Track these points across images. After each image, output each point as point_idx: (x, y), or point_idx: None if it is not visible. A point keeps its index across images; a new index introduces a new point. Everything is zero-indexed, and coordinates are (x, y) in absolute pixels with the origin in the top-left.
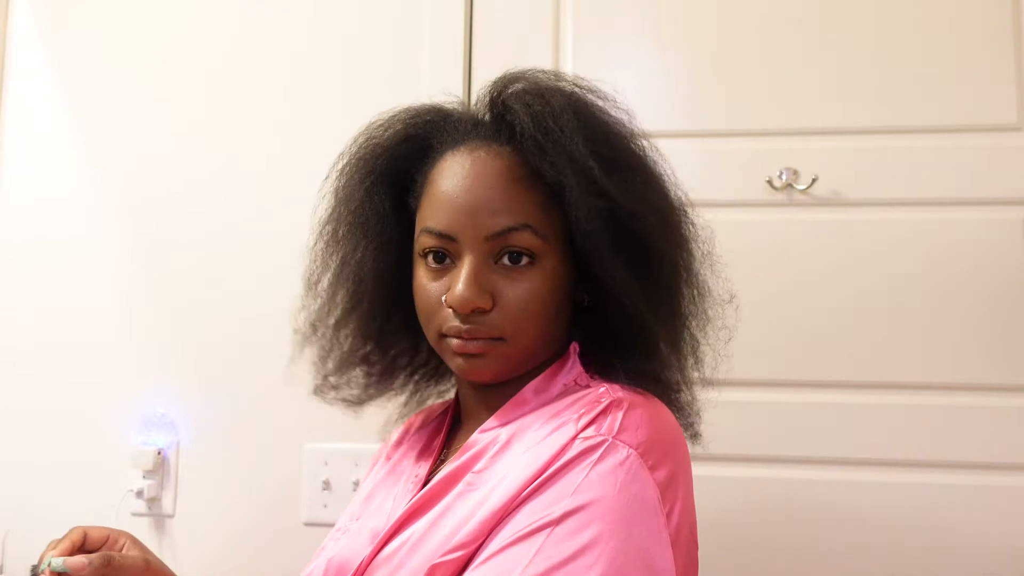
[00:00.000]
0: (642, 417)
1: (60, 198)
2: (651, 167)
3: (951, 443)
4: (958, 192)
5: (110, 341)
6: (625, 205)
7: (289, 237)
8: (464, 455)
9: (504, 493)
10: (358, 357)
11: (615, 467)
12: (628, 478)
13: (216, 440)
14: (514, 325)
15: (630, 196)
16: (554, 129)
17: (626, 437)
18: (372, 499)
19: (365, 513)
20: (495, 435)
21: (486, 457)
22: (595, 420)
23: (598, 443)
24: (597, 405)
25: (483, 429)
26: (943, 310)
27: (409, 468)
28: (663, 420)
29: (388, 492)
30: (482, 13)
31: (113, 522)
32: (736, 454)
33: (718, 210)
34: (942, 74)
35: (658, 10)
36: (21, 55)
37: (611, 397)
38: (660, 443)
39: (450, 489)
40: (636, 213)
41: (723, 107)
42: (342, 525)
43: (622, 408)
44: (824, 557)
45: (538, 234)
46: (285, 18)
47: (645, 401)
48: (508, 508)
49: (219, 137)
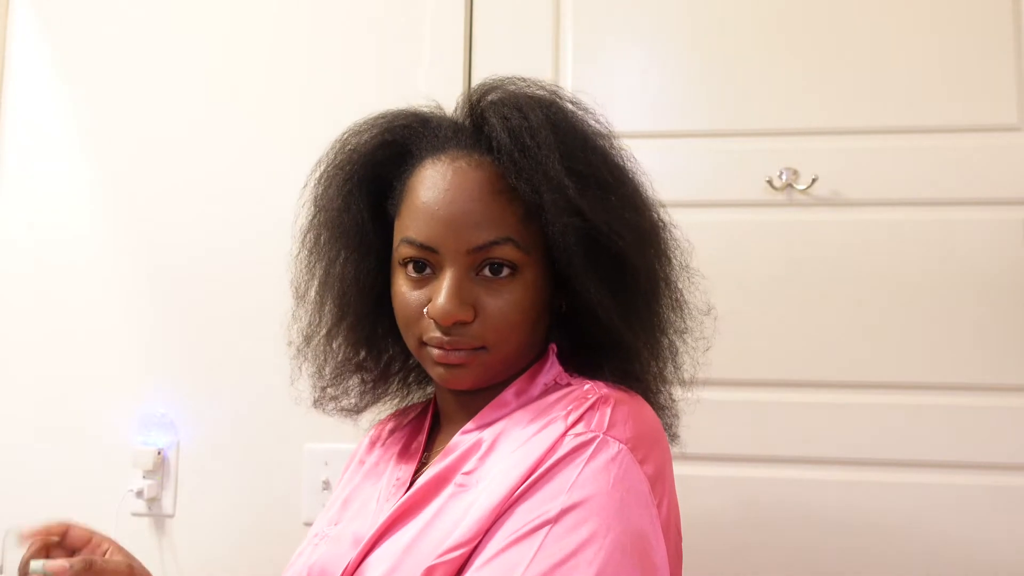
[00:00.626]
0: (628, 412)
1: (60, 198)
2: (628, 181)
3: (951, 443)
4: (958, 192)
5: (110, 341)
6: (600, 224)
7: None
8: (448, 457)
9: (498, 491)
10: (353, 365)
11: (608, 462)
12: (621, 472)
13: (216, 440)
14: (496, 335)
15: (606, 214)
16: (531, 146)
17: (616, 432)
18: (351, 503)
19: (344, 518)
20: (478, 437)
21: (474, 458)
22: (584, 416)
23: (589, 439)
24: (584, 401)
25: (465, 431)
26: (943, 310)
27: (390, 471)
28: (647, 416)
29: (369, 495)
30: (482, 12)
31: (113, 522)
32: (737, 454)
33: (718, 210)
34: (942, 74)
35: (658, 9)
36: (21, 54)
37: (597, 393)
38: (647, 437)
39: (439, 491)
40: (611, 231)
41: (723, 107)
42: (319, 531)
43: (609, 404)
44: (824, 557)
45: (519, 247)
46: (285, 18)
47: (629, 397)
48: (503, 506)
49: (219, 137)
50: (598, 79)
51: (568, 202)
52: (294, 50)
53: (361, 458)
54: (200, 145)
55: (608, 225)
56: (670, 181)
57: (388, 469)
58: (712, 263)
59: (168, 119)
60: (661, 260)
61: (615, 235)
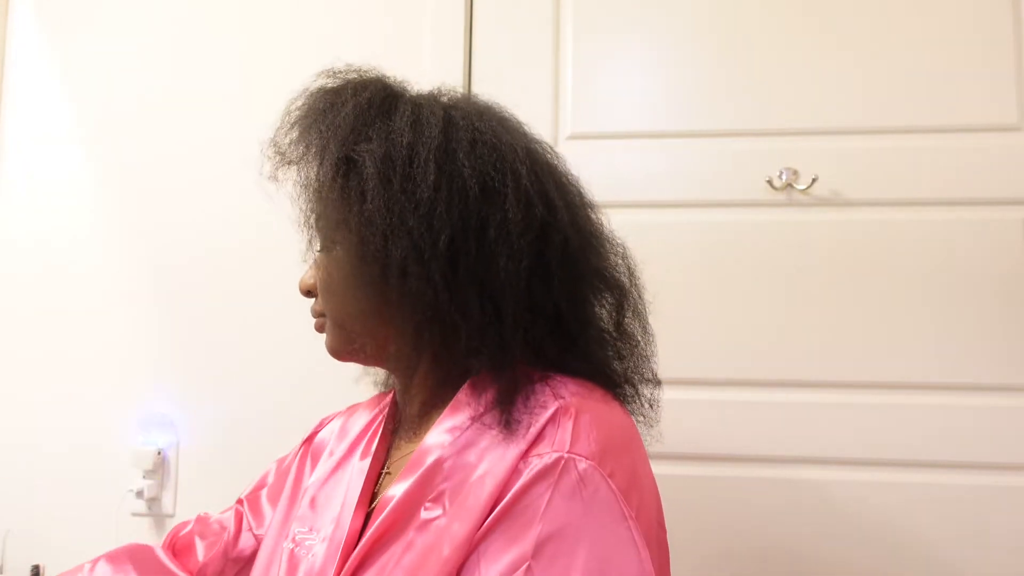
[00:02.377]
0: (592, 422)
1: (60, 198)
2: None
3: (950, 443)
4: (958, 192)
5: (110, 341)
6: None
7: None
8: (411, 476)
9: (466, 523)
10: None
11: (575, 486)
12: (590, 493)
13: (216, 440)
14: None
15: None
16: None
17: (580, 447)
18: (319, 505)
19: (318, 523)
20: (439, 454)
21: (438, 479)
22: (545, 430)
23: (553, 462)
24: (543, 412)
25: (428, 443)
26: (943, 310)
27: (353, 474)
28: (612, 418)
29: (335, 497)
30: (482, 13)
31: (113, 522)
32: (736, 454)
33: (718, 210)
34: (942, 74)
35: (659, 10)
36: (22, 53)
37: (556, 402)
38: (614, 446)
39: (407, 524)
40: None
41: (723, 107)
42: (293, 533)
43: (570, 415)
44: (824, 558)
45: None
46: (287, 19)
47: (590, 401)
48: (471, 539)
49: (219, 136)
50: (598, 79)
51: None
52: (295, 50)
53: (330, 450)
54: (201, 144)
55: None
56: (670, 181)
57: (350, 471)
58: (712, 263)
59: (168, 118)
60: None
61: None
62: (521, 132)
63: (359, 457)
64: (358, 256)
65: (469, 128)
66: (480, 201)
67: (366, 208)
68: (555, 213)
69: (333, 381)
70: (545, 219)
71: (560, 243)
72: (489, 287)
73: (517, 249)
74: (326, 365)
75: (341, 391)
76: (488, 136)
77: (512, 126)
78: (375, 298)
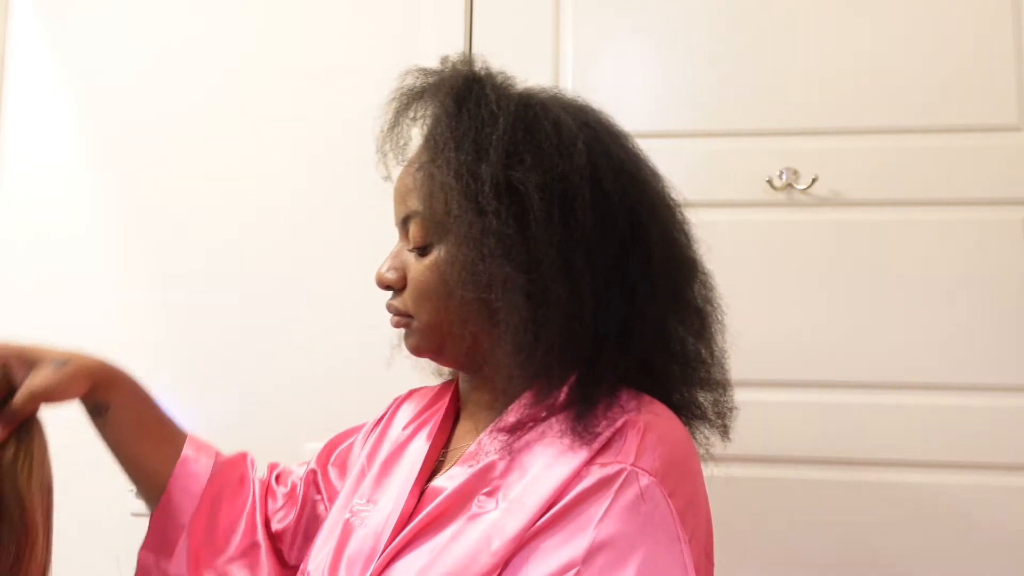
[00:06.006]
0: (659, 439)
1: (60, 199)
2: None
3: (951, 443)
4: (958, 192)
5: (109, 341)
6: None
7: (291, 233)
8: (469, 467)
9: (519, 518)
10: None
11: (636, 499)
12: (649, 509)
13: (216, 440)
14: (414, 305)
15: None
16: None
17: (644, 462)
18: (383, 482)
19: (377, 496)
20: (500, 448)
21: (495, 473)
22: (611, 442)
23: (616, 472)
24: (612, 423)
25: (490, 433)
26: (943, 310)
27: (414, 455)
28: (676, 436)
29: (395, 477)
30: (482, 13)
31: (113, 522)
32: (734, 454)
33: (718, 210)
34: (942, 74)
35: (658, 9)
36: (22, 51)
37: (626, 415)
38: (676, 465)
39: (459, 512)
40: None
41: (723, 107)
42: (354, 505)
43: (638, 429)
44: (823, 558)
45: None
46: (287, 18)
47: (657, 417)
48: (524, 535)
49: (219, 137)
50: (598, 79)
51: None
52: (295, 50)
53: (390, 427)
54: (201, 142)
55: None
56: (670, 181)
57: (412, 454)
58: (711, 263)
59: (169, 116)
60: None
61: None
62: (635, 152)
63: (423, 439)
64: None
65: (605, 153)
66: (629, 239)
67: (529, 235)
68: (688, 248)
69: (334, 381)
70: (682, 255)
71: (679, 274)
72: (619, 312)
73: (655, 284)
74: (327, 365)
75: (341, 391)
76: (628, 166)
77: (626, 143)
78: (482, 311)
